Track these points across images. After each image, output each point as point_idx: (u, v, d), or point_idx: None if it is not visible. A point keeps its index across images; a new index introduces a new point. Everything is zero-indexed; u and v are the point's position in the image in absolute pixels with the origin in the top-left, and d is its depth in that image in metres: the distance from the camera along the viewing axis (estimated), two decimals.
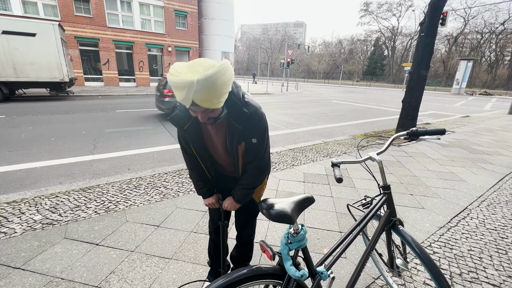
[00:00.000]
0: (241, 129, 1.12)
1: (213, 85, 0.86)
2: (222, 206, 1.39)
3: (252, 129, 1.14)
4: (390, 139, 1.32)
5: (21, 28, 9.56)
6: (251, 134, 1.14)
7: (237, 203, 1.34)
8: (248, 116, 1.10)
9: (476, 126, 8.05)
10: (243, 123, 1.10)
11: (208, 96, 0.89)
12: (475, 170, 3.96)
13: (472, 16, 44.68)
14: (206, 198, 1.42)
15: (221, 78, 0.88)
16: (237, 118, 1.09)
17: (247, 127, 1.12)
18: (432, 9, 5.32)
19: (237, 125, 1.11)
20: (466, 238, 2.24)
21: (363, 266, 1.25)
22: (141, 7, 18.04)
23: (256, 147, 1.18)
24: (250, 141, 1.15)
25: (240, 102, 1.08)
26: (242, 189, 1.29)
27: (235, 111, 1.08)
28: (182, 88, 0.85)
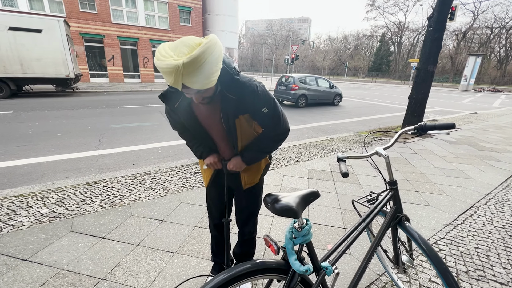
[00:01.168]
0: (235, 100, 1.05)
1: (201, 65, 0.83)
2: (226, 166, 1.26)
3: (253, 99, 1.07)
4: (397, 133, 1.29)
5: (27, 24, 9.63)
6: (259, 106, 1.08)
7: (244, 164, 1.24)
8: (241, 85, 1.04)
9: (485, 123, 7.90)
10: (237, 92, 1.04)
11: (198, 78, 0.85)
12: (483, 168, 3.90)
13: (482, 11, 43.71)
14: (206, 157, 1.28)
15: (209, 57, 0.84)
16: (229, 88, 1.03)
17: (244, 98, 1.05)
18: (441, 2, 5.20)
19: (231, 95, 1.04)
20: (473, 236, 2.21)
21: (368, 262, 1.24)
22: (145, 3, 18.01)
23: (271, 114, 1.12)
24: (261, 111, 1.10)
25: (231, 71, 1.02)
26: (255, 151, 1.21)
27: (227, 80, 1.01)
28: (169, 73, 0.82)
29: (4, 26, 9.26)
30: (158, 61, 0.84)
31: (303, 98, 10.57)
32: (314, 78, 11.52)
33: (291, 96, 10.39)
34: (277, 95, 11.22)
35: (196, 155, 1.33)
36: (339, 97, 12.07)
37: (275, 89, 11.70)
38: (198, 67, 0.83)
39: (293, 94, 10.31)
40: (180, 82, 0.84)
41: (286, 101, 10.99)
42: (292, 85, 10.34)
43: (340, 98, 12.14)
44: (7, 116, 6.57)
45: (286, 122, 1.22)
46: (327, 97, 11.60)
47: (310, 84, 11.08)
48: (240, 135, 1.18)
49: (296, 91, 10.32)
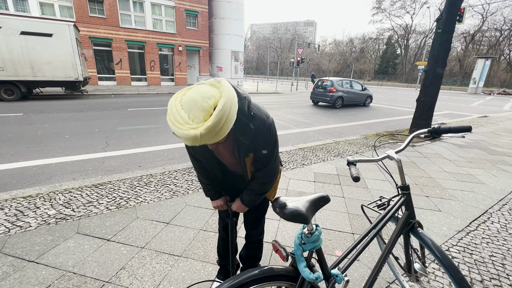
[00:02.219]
0: (247, 144, 1.09)
1: (218, 129, 0.83)
2: (231, 208, 1.37)
3: (261, 142, 1.10)
4: (409, 137, 1.25)
5: (38, 29, 9.87)
6: (260, 147, 1.12)
7: (245, 207, 1.32)
8: (254, 132, 1.06)
9: (495, 126, 7.72)
10: (250, 138, 1.07)
11: (215, 138, 0.86)
12: (495, 172, 3.79)
13: (491, 13, 42.95)
14: (214, 200, 1.39)
15: (225, 121, 0.84)
16: (244, 134, 1.06)
17: (254, 141, 1.09)
18: (450, 4, 5.12)
19: (244, 140, 1.07)
20: (487, 243, 2.13)
21: (379, 271, 1.19)
22: (152, 8, 18.30)
23: (266, 157, 1.15)
24: (260, 152, 1.13)
25: (245, 118, 1.02)
26: (251, 194, 1.27)
27: (241, 127, 1.03)
28: (187, 140, 0.83)
29: (16, 30, 9.50)
30: (174, 127, 0.83)
31: (339, 99, 11.56)
32: (349, 81, 12.54)
33: (329, 98, 11.42)
34: (315, 97, 12.30)
35: (205, 194, 1.42)
36: (370, 99, 13.01)
37: (312, 91, 12.61)
38: (215, 132, 0.84)
39: (331, 96, 11.34)
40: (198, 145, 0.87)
41: (323, 102, 12.05)
42: (330, 88, 11.45)
43: (371, 99, 13.08)
44: (18, 118, 6.70)
45: (276, 165, 1.25)
46: (360, 99, 12.57)
47: (346, 87, 12.04)
48: (249, 168, 1.22)
49: (334, 93, 11.34)
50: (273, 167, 1.21)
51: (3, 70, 9.58)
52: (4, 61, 9.53)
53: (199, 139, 0.81)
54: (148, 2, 17.94)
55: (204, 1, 20.12)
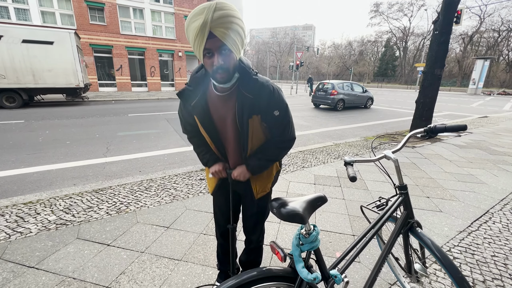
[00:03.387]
0: (251, 99, 1.06)
1: (230, 12, 0.89)
2: (231, 175, 1.24)
3: (269, 101, 1.08)
4: (406, 136, 1.26)
5: (39, 37, 10.00)
6: (270, 106, 1.09)
7: (249, 172, 1.22)
8: (259, 85, 1.05)
9: (495, 126, 7.71)
10: (254, 91, 1.05)
11: (225, 23, 0.89)
12: (496, 172, 3.77)
13: (488, 14, 43.31)
14: (212, 165, 1.27)
15: (235, 11, 0.91)
16: (247, 85, 1.05)
17: (260, 97, 1.06)
18: (446, 6, 5.17)
19: (247, 94, 1.05)
20: (489, 243, 2.12)
21: (379, 271, 1.19)
22: (152, 14, 18.52)
23: (281, 119, 1.12)
24: (272, 114, 1.10)
25: (249, 70, 1.05)
26: (260, 159, 1.19)
27: (245, 79, 1.04)
28: (201, 11, 0.87)
29: (18, 39, 9.63)
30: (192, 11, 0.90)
31: (341, 102, 11.65)
32: (350, 83, 12.61)
33: (330, 101, 11.51)
34: (316, 100, 12.36)
35: (202, 162, 1.33)
36: (371, 101, 13.11)
37: (313, 94, 12.64)
38: (227, 14, 0.89)
39: (332, 99, 11.44)
40: (209, 23, 0.87)
41: (324, 105, 12.10)
42: (331, 91, 11.53)
43: (371, 101, 13.16)
44: (19, 125, 6.75)
45: (293, 130, 1.22)
46: (361, 101, 12.63)
47: (347, 89, 12.15)
48: (251, 136, 1.16)
49: (335, 96, 11.44)
50: (292, 131, 1.19)
51: (4, 78, 9.68)
52: (6, 69, 9.64)
53: (214, 6, 0.85)
54: (148, 9, 18.17)
55: None
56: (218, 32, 0.89)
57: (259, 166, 1.21)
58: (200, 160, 1.32)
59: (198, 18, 0.87)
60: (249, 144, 1.18)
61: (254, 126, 1.14)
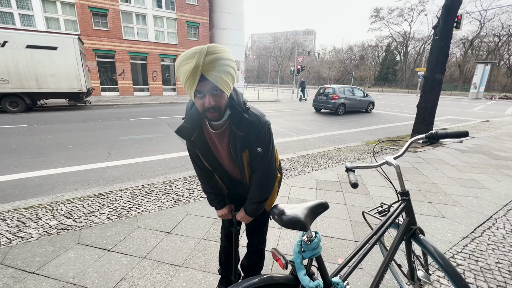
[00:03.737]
0: (242, 136, 1.10)
1: (221, 55, 0.90)
2: (236, 217, 1.37)
3: (256, 138, 1.11)
4: (407, 142, 1.26)
5: (43, 42, 10.12)
6: (255, 143, 1.12)
7: (249, 217, 1.32)
8: (249, 123, 1.08)
9: (497, 131, 7.68)
10: (245, 129, 1.08)
11: (216, 67, 0.90)
12: (499, 177, 3.75)
13: (488, 19, 43.44)
14: (219, 209, 1.40)
15: (226, 53, 0.93)
16: (238, 124, 1.08)
17: (250, 135, 1.10)
18: (446, 11, 5.20)
19: (239, 132, 1.09)
20: (493, 249, 2.09)
21: (382, 278, 1.18)
22: (155, 20, 18.74)
23: (261, 156, 1.15)
24: (255, 150, 1.13)
25: (240, 108, 1.07)
26: (252, 203, 1.27)
27: (236, 117, 1.07)
28: (192, 56, 0.88)
29: (22, 44, 9.75)
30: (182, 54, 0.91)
31: (342, 106, 11.65)
32: (351, 88, 12.69)
33: (331, 105, 11.56)
34: (317, 104, 12.43)
35: (209, 203, 1.43)
36: (372, 105, 13.11)
37: (314, 98, 12.70)
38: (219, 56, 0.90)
39: (333, 103, 11.48)
40: (200, 66, 0.88)
41: (325, 109, 12.18)
42: (332, 95, 11.58)
43: (373, 105, 13.15)
44: (22, 129, 6.79)
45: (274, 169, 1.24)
46: (362, 105, 12.65)
47: (348, 94, 12.19)
48: (247, 168, 1.22)
49: (336, 101, 11.47)
50: (268, 168, 1.20)
51: (8, 83, 9.78)
52: (10, 74, 9.75)
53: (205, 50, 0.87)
54: (151, 15, 18.39)
55: (205, 13, 20.58)
56: (210, 75, 0.91)
57: (254, 210, 1.28)
58: (208, 202, 1.42)
59: (189, 62, 0.88)
60: (246, 174, 1.25)
61: (248, 158, 1.19)
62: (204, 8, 20.41)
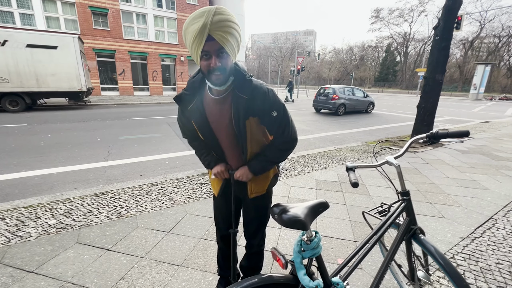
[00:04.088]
0: (246, 99, 1.07)
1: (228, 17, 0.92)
2: (234, 176, 1.25)
3: (264, 102, 1.09)
4: (408, 142, 1.25)
5: (43, 42, 10.12)
6: (267, 108, 1.10)
7: (250, 173, 1.22)
8: (253, 86, 1.07)
9: (498, 131, 7.68)
10: (249, 92, 1.07)
11: (223, 27, 0.91)
12: (499, 178, 3.74)
13: (489, 20, 43.51)
14: (213, 166, 1.28)
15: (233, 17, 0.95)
16: (242, 87, 1.07)
17: (255, 99, 1.08)
18: (447, 12, 5.20)
19: (242, 94, 1.07)
20: (493, 250, 2.09)
21: (382, 278, 1.17)
22: (155, 20, 18.74)
23: (280, 119, 1.14)
24: (270, 115, 1.11)
25: (243, 72, 1.08)
26: (263, 161, 1.20)
27: (240, 81, 1.07)
28: (201, 14, 0.89)
29: (22, 43, 9.75)
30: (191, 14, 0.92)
31: (342, 107, 11.67)
32: (351, 88, 12.71)
33: (331, 105, 11.57)
34: (317, 104, 12.42)
35: (204, 165, 1.34)
36: (372, 105, 13.15)
37: (314, 99, 12.69)
38: (226, 19, 0.91)
39: (333, 104, 11.50)
40: (208, 26, 0.88)
41: (325, 109, 12.19)
42: (332, 96, 11.60)
43: (373, 106, 13.17)
44: (21, 128, 6.79)
45: (295, 131, 1.22)
46: (362, 106, 12.68)
47: (348, 94, 12.21)
48: (250, 139, 1.17)
49: (336, 101, 11.49)
50: (293, 131, 1.19)
51: (8, 82, 9.77)
52: (10, 73, 9.74)
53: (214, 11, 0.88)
54: (151, 14, 18.40)
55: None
56: (217, 36, 0.91)
57: (261, 167, 1.22)
58: (202, 162, 1.34)
59: (198, 20, 0.89)
60: (249, 147, 1.19)
61: (252, 129, 1.15)
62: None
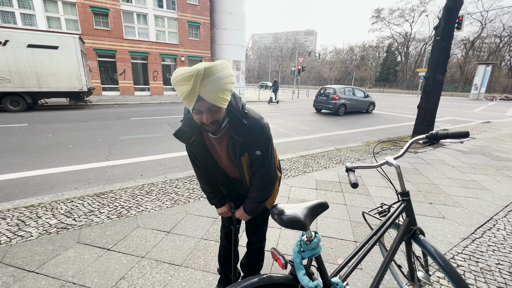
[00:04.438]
0: (241, 141, 1.10)
1: (218, 75, 0.89)
2: (235, 215, 1.38)
3: (255, 141, 1.12)
4: (408, 142, 1.25)
5: (44, 42, 10.14)
6: (254, 146, 1.13)
7: (248, 215, 1.32)
8: (247, 128, 1.08)
9: (498, 132, 7.67)
10: (243, 135, 1.09)
11: (214, 87, 0.90)
12: (500, 178, 3.74)
13: (490, 20, 43.38)
14: (219, 207, 1.41)
15: (224, 70, 0.92)
16: (237, 130, 1.08)
17: (248, 139, 1.10)
18: (447, 12, 5.20)
19: (237, 137, 1.09)
20: (493, 250, 2.08)
21: (381, 279, 1.17)
22: (156, 20, 18.76)
23: (260, 158, 1.16)
24: (254, 153, 1.14)
25: (239, 114, 1.07)
26: (252, 202, 1.27)
27: (235, 123, 1.08)
28: (189, 78, 0.87)
29: (23, 43, 9.77)
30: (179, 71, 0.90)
31: (342, 107, 11.67)
32: (351, 88, 12.72)
33: (331, 105, 11.60)
34: (318, 104, 12.48)
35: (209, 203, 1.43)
36: (373, 106, 13.18)
37: (315, 99, 12.75)
38: (216, 76, 0.89)
39: (334, 104, 11.52)
40: (197, 89, 0.88)
41: (326, 110, 12.20)
42: (333, 96, 11.63)
43: (373, 106, 13.20)
44: (22, 128, 6.80)
45: (274, 171, 1.24)
46: (363, 106, 12.68)
47: (348, 94, 12.21)
48: (246, 171, 1.23)
49: (337, 101, 11.51)
50: (268, 170, 1.20)
51: (9, 82, 9.79)
52: (11, 73, 9.76)
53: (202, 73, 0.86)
54: (152, 14, 18.41)
55: (206, 12, 20.59)
56: (207, 96, 0.91)
57: (253, 208, 1.29)
58: (208, 200, 1.43)
59: (186, 83, 0.88)
60: (246, 176, 1.26)
61: (247, 162, 1.20)
62: (205, 8, 20.43)
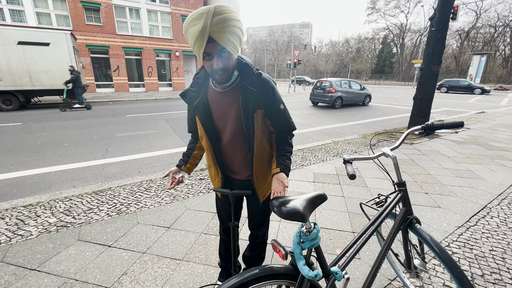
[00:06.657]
0: (256, 92, 1.08)
1: (228, 15, 0.90)
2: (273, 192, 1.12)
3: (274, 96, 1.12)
4: (404, 133, 1.27)
5: (35, 38, 9.92)
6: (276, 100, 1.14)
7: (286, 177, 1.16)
8: (262, 80, 1.09)
9: (493, 122, 7.76)
10: (258, 86, 1.08)
11: (224, 27, 0.90)
12: (494, 167, 3.80)
13: (484, 10, 43.37)
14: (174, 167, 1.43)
15: (233, 13, 0.92)
16: (250, 80, 1.08)
17: (265, 90, 1.09)
18: (443, 2, 5.18)
19: (251, 87, 1.08)
20: (487, 237, 2.14)
21: (379, 267, 1.20)
22: (149, 14, 18.42)
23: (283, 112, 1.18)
24: (279, 108, 1.15)
25: (252, 67, 1.09)
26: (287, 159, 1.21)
27: (247, 74, 1.08)
28: (200, 16, 0.88)
29: (14, 41, 9.56)
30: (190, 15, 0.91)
31: (339, 100, 11.72)
32: (348, 81, 12.70)
33: (328, 98, 11.57)
34: (314, 98, 12.44)
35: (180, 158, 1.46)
36: (369, 98, 13.22)
37: (311, 92, 12.73)
38: (226, 16, 0.89)
39: (330, 97, 11.51)
40: (207, 28, 0.88)
41: (322, 103, 12.17)
42: (329, 89, 11.62)
43: (369, 98, 13.26)
44: (17, 127, 6.71)
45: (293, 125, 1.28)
46: (359, 98, 12.72)
47: (345, 87, 12.21)
48: (257, 132, 1.16)
49: (333, 94, 11.51)
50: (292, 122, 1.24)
51: (1, 80, 9.61)
52: (2, 71, 9.57)
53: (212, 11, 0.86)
54: (145, 9, 18.07)
55: (199, 6, 20.24)
56: (217, 37, 0.91)
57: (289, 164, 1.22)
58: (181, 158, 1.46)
59: (197, 23, 0.88)
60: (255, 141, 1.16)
61: (258, 122, 1.14)
62: (199, 1, 20.08)
